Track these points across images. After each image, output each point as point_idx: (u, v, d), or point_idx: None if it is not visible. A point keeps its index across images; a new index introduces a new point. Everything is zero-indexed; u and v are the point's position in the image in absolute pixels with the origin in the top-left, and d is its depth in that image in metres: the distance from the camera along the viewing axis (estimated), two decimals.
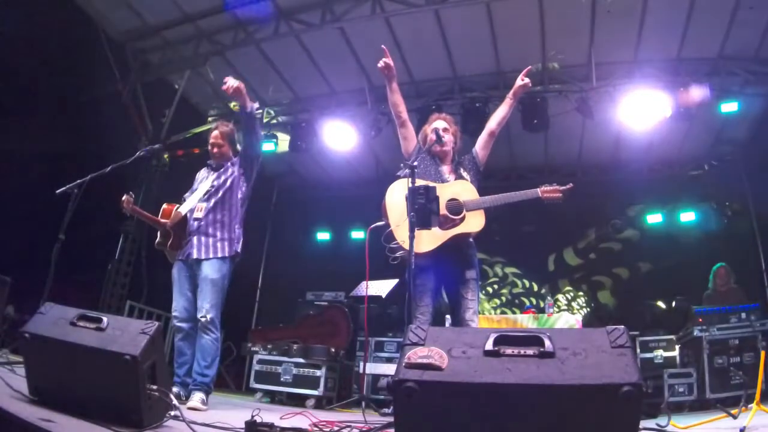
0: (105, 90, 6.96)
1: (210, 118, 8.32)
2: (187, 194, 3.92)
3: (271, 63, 7.30)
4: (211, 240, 3.57)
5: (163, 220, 3.68)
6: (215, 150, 3.77)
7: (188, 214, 3.69)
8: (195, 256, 3.53)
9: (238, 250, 3.65)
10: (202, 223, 3.61)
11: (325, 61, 7.28)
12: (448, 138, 3.34)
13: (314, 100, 7.98)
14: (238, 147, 3.87)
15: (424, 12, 6.11)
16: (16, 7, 5.03)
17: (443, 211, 3.03)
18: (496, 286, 9.20)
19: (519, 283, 9.22)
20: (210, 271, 3.47)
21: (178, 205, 3.75)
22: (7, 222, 4.79)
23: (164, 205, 3.77)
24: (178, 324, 3.50)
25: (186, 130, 7.93)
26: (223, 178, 3.77)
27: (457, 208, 3.11)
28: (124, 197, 3.58)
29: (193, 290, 3.53)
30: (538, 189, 3.16)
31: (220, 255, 3.54)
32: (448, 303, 3.23)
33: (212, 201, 3.67)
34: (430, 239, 3.00)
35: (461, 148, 3.54)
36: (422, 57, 7.05)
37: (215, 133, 3.79)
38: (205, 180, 3.81)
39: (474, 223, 3.09)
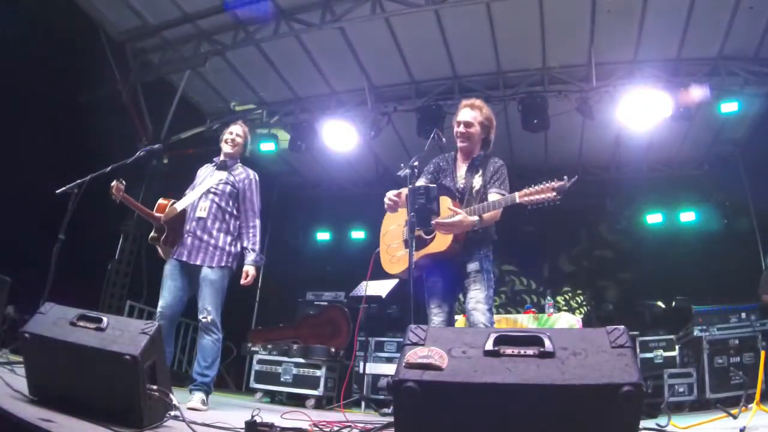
0: (105, 90, 6.95)
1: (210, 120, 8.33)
2: (188, 190, 3.79)
3: (271, 63, 7.30)
4: (203, 245, 3.46)
5: (157, 214, 3.57)
6: (232, 142, 3.69)
7: (188, 210, 3.58)
8: (185, 258, 3.44)
9: (233, 267, 3.56)
10: (200, 225, 3.50)
11: (325, 61, 7.27)
12: (459, 130, 3.12)
13: (314, 100, 7.97)
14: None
15: (424, 12, 6.10)
16: (16, 7, 5.02)
17: (418, 232, 2.89)
18: (503, 295, 9.16)
19: (518, 282, 9.20)
20: (209, 272, 3.43)
21: (174, 201, 3.64)
22: (7, 222, 4.78)
23: (160, 200, 3.66)
24: (160, 321, 3.33)
25: (186, 130, 7.93)
26: (234, 178, 3.65)
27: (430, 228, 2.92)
28: (113, 183, 3.33)
29: (183, 288, 3.44)
30: (516, 194, 2.68)
31: (208, 264, 3.43)
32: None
33: (216, 201, 3.56)
34: (398, 262, 2.98)
35: (490, 136, 3.22)
36: (422, 57, 7.04)
37: (238, 129, 3.70)
38: (209, 177, 3.68)
39: (440, 242, 2.89)
